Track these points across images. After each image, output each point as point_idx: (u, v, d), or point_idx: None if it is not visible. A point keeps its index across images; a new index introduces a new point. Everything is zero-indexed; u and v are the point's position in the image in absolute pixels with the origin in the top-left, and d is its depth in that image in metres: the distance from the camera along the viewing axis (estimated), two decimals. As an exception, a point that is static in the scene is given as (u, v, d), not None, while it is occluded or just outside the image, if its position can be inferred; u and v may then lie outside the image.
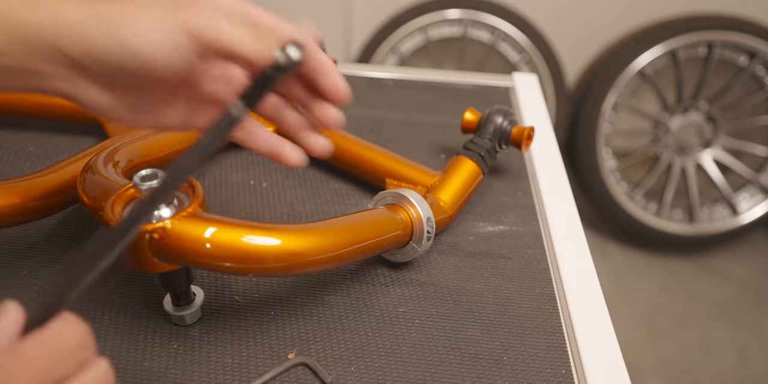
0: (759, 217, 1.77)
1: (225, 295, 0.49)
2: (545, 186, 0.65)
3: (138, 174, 0.38)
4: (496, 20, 1.68)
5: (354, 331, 0.47)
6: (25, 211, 0.47)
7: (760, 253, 1.86)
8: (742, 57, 1.70)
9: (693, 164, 1.81)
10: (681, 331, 1.59)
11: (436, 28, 1.70)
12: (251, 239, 0.37)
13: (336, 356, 0.45)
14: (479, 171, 0.58)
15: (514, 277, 0.53)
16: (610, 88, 1.68)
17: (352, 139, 0.62)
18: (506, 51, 1.72)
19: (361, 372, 0.44)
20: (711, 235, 1.76)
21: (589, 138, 1.71)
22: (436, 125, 0.75)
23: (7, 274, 0.49)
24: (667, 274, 1.77)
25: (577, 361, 0.46)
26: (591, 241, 1.88)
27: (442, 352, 0.46)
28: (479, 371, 0.44)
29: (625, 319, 1.61)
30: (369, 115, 0.76)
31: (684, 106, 1.78)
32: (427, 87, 0.84)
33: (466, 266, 0.54)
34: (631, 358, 1.46)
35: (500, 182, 0.66)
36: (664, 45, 1.66)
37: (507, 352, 0.46)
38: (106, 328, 0.45)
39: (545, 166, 0.68)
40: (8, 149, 0.64)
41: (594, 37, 1.81)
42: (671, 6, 1.71)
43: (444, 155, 0.69)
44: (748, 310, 1.66)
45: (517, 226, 0.59)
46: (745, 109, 1.80)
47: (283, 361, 0.44)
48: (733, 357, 1.53)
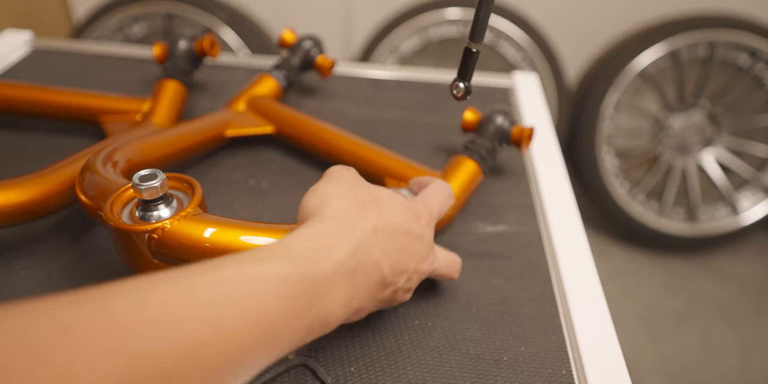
0: (760, 217, 1.77)
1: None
2: (545, 186, 0.65)
3: (137, 174, 0.38)
4: (496, 20, 1.67)
5: (354, 331, 0.47)
6: (24, 211, 0.47)
7: (761, 253, 1.85)
8: (744, 56, 1.70)
9: (694, 164, 1.81)
10: (681, 331, 1.59)
11: (436, 28, 1.70)
12: (250, 240, 0.37)
13: (336, 357, 0.45)
14: (479, 171, 0.58)
15: (514, 277, 0.53)
16: (611, 87, 1.67)
17: (351, 138, 0.62)
18: (506, 51, 1.71)
19: (361, 372, 0.43)
20: (712, 235, 1.76)
21: (590, 138, 1.71)
22: (436, 125, 0.75)
23: (5, 273, 0.49)
24: (667, 274, 1.77)
25: (578, 362, 0.46)
26: (591, 241, 1.89)
27: (442, 352, 0.46)
28: (479, 372, 0.44)
29: (625, 319, 1.61)
30: (369, 115, 0.76)
31: (685, 105, 1.78)
32: (427, 87, 0.84)
33: (466, 266, 0.54)
34: (631, 359, 1.45)
35: (500, 182, 0.66)
36: (665, 44, 1.66)
37: (507, 352, 0.46)
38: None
39: (545, 166, 0.68)
40: (7, 149, 0.64)
41: (594, 36, 1.81)
42: (672, 5, 1.71)
43: (444, 155, 0.69)
44: (749, 311, 1.66)
45: (517, 226, 0.59)
46: (746, 108, 1.80)
47: (283, 361, 0.44)
48: (734, 357, 1.52)
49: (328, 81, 0.82)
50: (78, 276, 0.50)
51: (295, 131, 0.64)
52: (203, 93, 0.77)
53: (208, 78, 0.81)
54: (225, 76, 0.82)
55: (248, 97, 0.68)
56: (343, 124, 0.73)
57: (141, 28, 1.70)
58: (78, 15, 1.85)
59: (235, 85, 0.78)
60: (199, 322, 0.25)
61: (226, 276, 0.27)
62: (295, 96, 0.79)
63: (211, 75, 0.81)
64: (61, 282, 0.49)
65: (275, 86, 0.70)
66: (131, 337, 0.23)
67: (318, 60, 0.72)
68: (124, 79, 0.79)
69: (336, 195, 0.37)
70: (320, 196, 0.37)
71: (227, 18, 1.65)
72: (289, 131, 0.64)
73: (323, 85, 0.82)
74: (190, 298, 0.25)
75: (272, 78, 0.70)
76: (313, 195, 0.37)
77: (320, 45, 0.74)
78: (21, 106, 0.64)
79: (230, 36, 1.64)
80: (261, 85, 0.69)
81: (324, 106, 0.77)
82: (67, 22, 1.87)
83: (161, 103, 0.64)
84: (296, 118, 0.65)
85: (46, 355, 0.20)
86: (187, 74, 0.68)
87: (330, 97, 0.79)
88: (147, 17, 1.68)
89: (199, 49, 0.68)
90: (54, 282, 0.49)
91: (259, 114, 0.66)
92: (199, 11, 1.64)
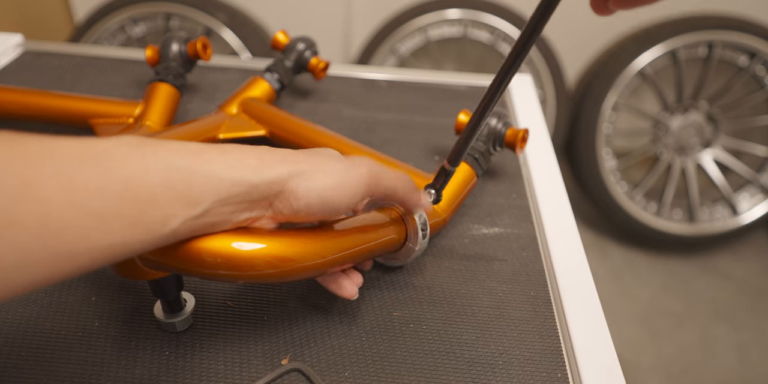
0: (759, 217, 1.76)
1: (217, 300, 0.48)
2: (540, 188, 0.64)
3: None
4: (496, 20, 1.67)
5: (348, 335, 0.46)
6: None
7: (760, 253, 1.85)
8: (743, 57, 1.69)
9: (693, 164, 1.81)
10: (681, 331, 1.58)
11: (435, 28, 1.70)
12: (241, 245, 0.37)
13: (330, 361, 0.44)
14: (473, 173, 0.58)
15: (509, 280, 0.53)
16: (610, 88, 1.67)
17: (344, 140, 0.62)
18: (506, 51, 1.71)
19: (356, 377, 0.43)
20: (711, 235, 1.76)
21: (589, 138, 1.71)
22: (431, 126, 0.74)
23: None
24: (667, 274, 1.76)
25: (573, 365, 0.45)
26: (591, 241, 1.89)
27: (437, 356, 0.45)
28: (474, 375, 0.44)
29: (624, 318, 1.60)
30: (363, 117, 0.75)
31: (684, 106, 1.77)
32: (421, 88, 0.83)
33: (461, 269, 0.53)
34: (630, 358, 1.45)
35: (495, 184, 0.65)
36: (664, 45, 1.65)
37: (502, 355, 0.46)
38: (96, 335, 0.45)
39: (540, 168, 0.68)
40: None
41: (594, 37, 1.80)
42: (671, 6, 1.71)
43: (438, 157, 0.69)
44: (748, 310, 1.66)
45: (512, 229, 0.59)
46: (745, 109, 1.80)
47: (276, 366, 0.43)
48: (733, 357, 1.52)
49: (322, 82, 0.82)
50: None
51: (288, 134, 0.64)
52: (196, 95, 0.77)
53: (201, 80, 0.80)
54: (217, 78, 0.81)
55: (241, 100, 0.67)
56: (337, 125, 0.72)
57: (142, 29, 1.70)
58: (79, 17, 1.85)
59: (227, 87, 0.78)
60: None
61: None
62: (288, 97, 0.78)
63: (203, 77, 0.81)
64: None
65: (268, 89, 0.70)
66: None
67: (312, 62, 0.72)
68: (116, 81, 0.78)
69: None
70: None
71: (227, 19, 1.64)
72: (281, 134, 0.64)
73: (317, 86, 0.81)
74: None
75: (265, 80, 0.70)
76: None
77: (314, 47, 0.73)
78: (12, 110, 0.64)
79: (230, 37, 1.64)
80: (253, 87, 0.69)
81: (317, 107, 0.77)
82: (68, 24, 1.87)
83: (153, 106, 0.63)
84: (289, 120, 0.65)
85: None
86: (179, 77, 0.68)
87: (324, 98, 0.79)
88: (147, 18, 1.68)
89: (192, 51, 0.68)
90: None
91: (252, 116, 0.66)
92: (200, 12, 1.64)
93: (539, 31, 0.37)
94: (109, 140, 0.30)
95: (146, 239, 0.30)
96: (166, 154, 0.31)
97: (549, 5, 0.36)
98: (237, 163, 0.34)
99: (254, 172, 0.34)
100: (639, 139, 1.86)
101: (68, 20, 1.87)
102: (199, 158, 0.32)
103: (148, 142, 0.31)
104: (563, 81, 1.73)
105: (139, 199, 0.29)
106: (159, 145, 0.32)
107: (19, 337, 0.44)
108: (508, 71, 0.40)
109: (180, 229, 0.32)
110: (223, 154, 0.34)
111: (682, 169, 1.81)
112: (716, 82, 1.75)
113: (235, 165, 0.34)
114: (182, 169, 0.31)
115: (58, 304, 0.47)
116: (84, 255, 0.28)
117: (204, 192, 0.32)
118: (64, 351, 0.43)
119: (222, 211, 0.34)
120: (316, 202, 0.37)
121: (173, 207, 0.31)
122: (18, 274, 0.26)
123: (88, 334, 0.44)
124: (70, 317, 0.46)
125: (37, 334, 0.44)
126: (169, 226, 0.31)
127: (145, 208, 0.29)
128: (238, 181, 0.33)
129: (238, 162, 0.34)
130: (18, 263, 0.25)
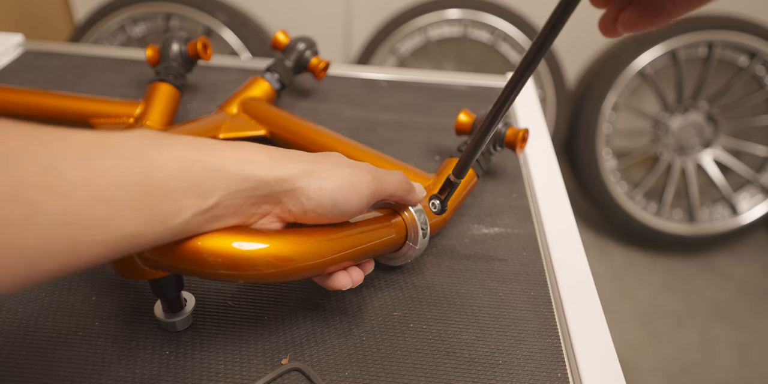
0: (759, 217, 1.76)
1: (217, 300, 0.48)
2: (540, 187, 0.64)
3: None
4: (496, 20, 1.67)
5: (348, 335, 0.46)
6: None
7: (760, 253, 1.85)
8: (743, 57, 1.69)
9: (693, 164, 1.81)
10: (681, 331, 1.58)
11: (435, 28, 1.70)
12: (242, 245, 0.37)
13: (330, 361, 0.44)
14: (473, 174, 0.58)
15: (509, 280, 0.53)
16: (610, 88, 1.67)
17: (344, 140, 0.62)
18: (506, 51, 1.71)
19: (356, 377, 0.43)
20: (711, 235, 1.76)
21: (589, 138, 1.71)
22: (431, 126, 0.74)
23: None
24: (667, 274, 1.76)
25: (573, 364, 0.46)
26: (591, 241, 1.89)
27: (437, 356, 0.45)
28: (474, 375, 0.44)
29: (624, 318, 1.60)
30: (363, 117, 0.75)
31: (684, 106, 1.77)
32: (421, 88, 0.83)
33: (461, 269, 0.53)
34: (630, 358, 1.45)
35: (495, 184, 0.65)
36: (664, 45, 1.65)
37: (502, 355, 0.46)
38: (96, 334, 0.45)
39: (540, 168, 0.68)
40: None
41: (594, 37, 1.80)
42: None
43: (438, 157, 0.69)
44: (748, 310, 1.66)
45: (512, 228, 0.59)
46: (745, 109, 1.80)
47: (276, 366, 0.43)
48: (733, 357, 1.52)
49: (322, 82, 0.82)
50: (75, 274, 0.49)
51: (288, 134, 0.64)
52: (196, 95, 0.77)
53: (201, 80, 0.80)
54: (218, 77, 0.81)
55: (241, 100, 0.67)
56: (337, 125, 0.72)
57: (142, 29, 1.70)
58: (79, 17, 1.85)
59: (228, 87, 0.78)
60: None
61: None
62: (288, 97, 0.78)
63: (204, 77, 0.81)
64: (60, 281, 0.49)
65: (268, 88, 0.70)
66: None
67: (312, 62, 0.72)
68: (117, 81, 0.79)
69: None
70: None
71: (227, 19, 1.64)
72: (281, 134, 0.64)
73: (317, 85, 0.81)
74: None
75: (265, 80, 0.70)
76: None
77: (314, 47, 0.73)
78: (12, 110, 0.64)
79: (230, 37, 1.64)
80: (254, 87, 0.69)
81: (318, 107, 0.77)
82: (68, 24, 1.87)
83: (154, 105, 0.63)
84: (289, 120, 0.65)
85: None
86: (180, 77, 0.68)
87: (324, 98, 0.79)
88: (148, 18, 1.68)
89: (193, 51, 0.68)
90: (53, 281, 0.48)
91: (252, 116, 0.66)
92: (200, 12, 1.64)
93: (546, 48, 0.37)
94: (125, 133, 0.31)
95: (159, 231, 0.31)
96: (180, 148, 0.32)
97: (567, 7, 0.36)
98: (248, 159, 0.35)
99: (264, 169, 0.35)
100: (639, 139, 1.86)
101: (68, 20, 1.87)
102: (211, 153, 0.33)
103: (162, 136, 0.32)
104: (563, 81, 1.73)
105: (154, 191, 0.30)
106: (173, 139, 0.32)
107: (19, 336, 0.44)
108: (516, 85, 0.39)
109: (191, 222, 0.32)
110: (235, 150, 0.35)
111: (682, 169, 1.81)
112: (716, 82, 1.75)
113: (245, 161, 0.34)
114: (195, 162, 0.32)
115: (59, 303, 0.47)
116: (100, 245, 0.28)
117: (215, 185, 0.33)
118: (65, 350, 0.43)
119: (231, 204, 0.34)
120: (328, 203, 0.37)
121: (186, 199, 0.31)
122: (41, 262, 0.26)
123: (89, 334, 0.44)
124: (70, 317, 0.46)
125: (37, 334, 0.44)
126: (181, 217, 0.31)
127: (160, 200, 0.30)
128: (247, 176, 0.34)
129: (248, 158, 0.35)
130: (42, 252, 0.26)
